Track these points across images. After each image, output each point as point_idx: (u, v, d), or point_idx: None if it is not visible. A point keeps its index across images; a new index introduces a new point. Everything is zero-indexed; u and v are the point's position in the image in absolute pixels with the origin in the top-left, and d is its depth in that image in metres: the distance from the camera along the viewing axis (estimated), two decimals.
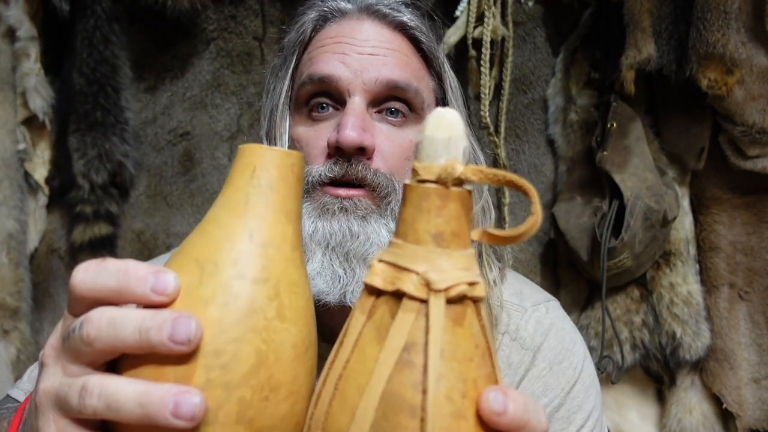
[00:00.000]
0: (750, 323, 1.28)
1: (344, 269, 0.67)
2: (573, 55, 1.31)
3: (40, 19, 1.33)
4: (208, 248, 0.40)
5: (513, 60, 1.31)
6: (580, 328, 1.28)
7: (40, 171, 1.36)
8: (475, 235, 0.38)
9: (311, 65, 0.72)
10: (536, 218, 0.36)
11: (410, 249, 0.36)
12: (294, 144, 0.73)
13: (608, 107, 1.24)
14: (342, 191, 0.69)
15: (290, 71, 0.76)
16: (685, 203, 1.29)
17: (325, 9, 0.76)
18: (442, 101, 0.78)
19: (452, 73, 0.79)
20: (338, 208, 0.69)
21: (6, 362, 1.29)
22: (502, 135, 1.31)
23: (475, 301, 0.37)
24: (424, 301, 0.35)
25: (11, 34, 1.32)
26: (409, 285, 0.36)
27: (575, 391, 0.77)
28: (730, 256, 1.28)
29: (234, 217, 0.41)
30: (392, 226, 0.70)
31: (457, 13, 1.25)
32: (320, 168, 0.70)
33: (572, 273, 1.32)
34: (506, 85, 1.30)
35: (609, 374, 1.25)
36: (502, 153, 1.30)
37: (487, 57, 1.23)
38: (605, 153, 1.22)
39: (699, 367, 1.29)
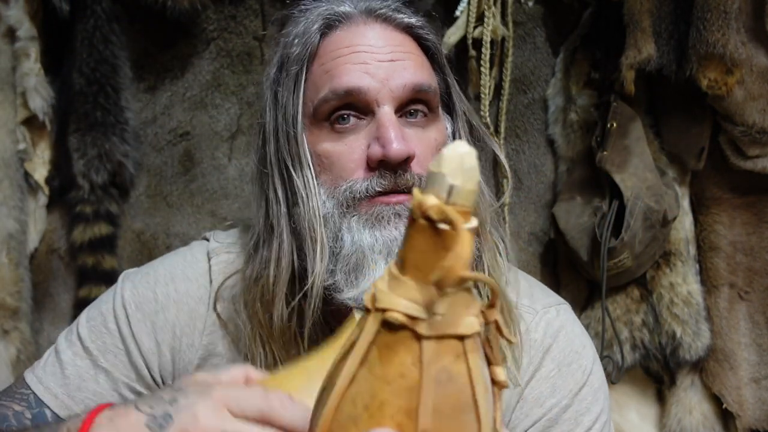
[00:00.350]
0: (750, 323, 1.28)
1: None
2: (573, 55, 1.31)
3: (40, 19, 1.33)
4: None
5: (513, 60, 1.31)
6: None
7: (40, 171, 1.36)
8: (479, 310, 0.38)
9: (331, 79, 0.71)
10: (456, 259, 0.36)
11: (389, 267, 0.39)
12: (321, 160, 0.73)
13: (608, 107, 1.24)
14: (393, 198, 0.70)
15: (302, 84, 0.74)
16: (685, 203, 1.29)
17: (328, 16, 0.74)
18: (447, 97, 0.78)
19: (450, 71, 0.79)
20: (392, 214, 0.70)
21: (6, 362, 1.29)
22: (502, 135, 1.31)
23: (418, 336, 0.37)
24: (369, 312, 0.39)
25: (11, 34, 1.31)
26: (367, 296, 0.39)
27: (583, 393, 0.77)
28: (730, 256, 1.28)
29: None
30: None
31: (457, 13, 1.25)
32: (364, 182, 0.70)
33: (572, 273, 1.32)
34: (506, 85, 1.30)
35: (609, 374, 1.25)
36: (502, 153, 1.30)
37: (487, 57, 1.23)
38: (605, 153, 1.22)
39: (699, 367, 1.29)
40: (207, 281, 0.82)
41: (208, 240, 0.87)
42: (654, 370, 1.30)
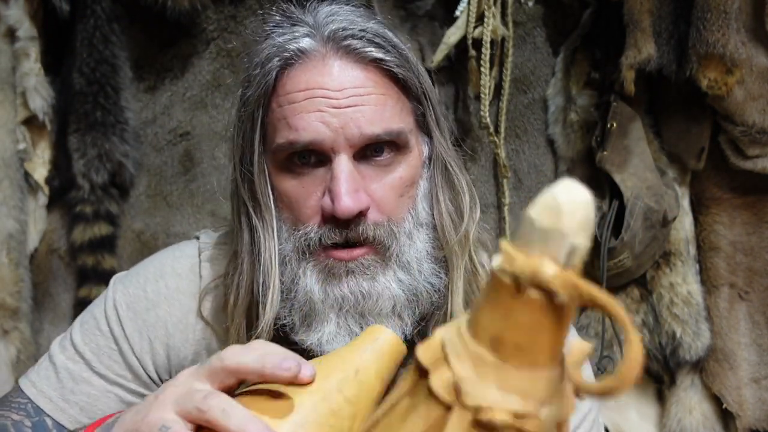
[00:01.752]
0: (750, 323, 1.28)
1: (361, 326, 0.69)
2: (573, 55, 1.31)
3: (40, 19, 1.33)
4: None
5: (513, 60, 1.31)
6: (580, 328, 1.28)
7: (40, 171, 1.36)
8: (561, 360, 0.30)
9: (288, 128, 0.69)
10: (631, 368, 0.27)
11: (465, 341, 0.30)
12: (282, 198, 0.72)
13: (608, 107, 1.24)
14: (345, 253, 0.70)
15: (259, 123, 0.72)
16: (685, 203, 1.29)
17: (287, 53, 0.70)
18: (423, 120, 0.75)
19: (427, 79, 0.75)
20: (344, 271, 0.69)
21: (6, 362, 1.29)
22: (502, 135, 1.31)
23: None
24: (450, 408, 0.29)
25: (11, 34, 1.31)
26: (439, 382, 0.30)
27: None
28: (730, 256, 1.28)
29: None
30: (401, 273, 0.71)
31: (457, 13, 1.25)
32: (318, 231, 0.70)
33: None
34: (506, 85, 1.30)
35: (609, 374, 1.25)
36: (502, 153, 1.30)
37: (487, 57, 1.23)
38: (605, 153, 1.22)
39: (699, 367, 1.29)
40: (197, 276, 0.82)
41: (198, 238, 0.88)
42: (654, 370, 1.30)
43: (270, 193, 0.73)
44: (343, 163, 0.68)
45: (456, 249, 0.74)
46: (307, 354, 0.71)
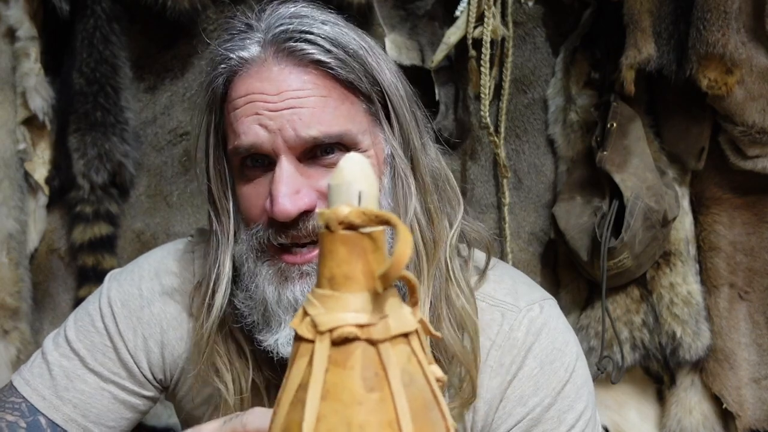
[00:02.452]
0: (750, 323, 1.28)
1: None
2: (573, 55, 1.31)
3: (40, 19, 1.33)
4: None
5: (513, 60, 1.31)
6: (580, 328, 1.28)
7: (40, 171, 1.36)
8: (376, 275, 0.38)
9: (234, 134, 0.71)
10: (398, 256, 0.35)
11: (314, 293, 0.38)
12: (240, 200, 0.74)
13: (608, 107, 1.24)
14: (297, 257, 0.70)
15: (212, 129, 0.75)
16: (685, 203, 1.28)
17: (231, 62, 0.72)
18: (384, 112, 0.74)
19: (389, 75, 0.74)
20: (298, 274, 0.70)
21: (6, 362, 1.29)
22: (502, 135, 1.31)
23: (374, 342, 0.36)
24: (313, 343, 0.37)
25: (11, 34, 1.32)
26: (303, 328, 0.38)
27: (566, 391, 0.77)
28: (730, 256, 1.28)
29: None
30: None
31: (457, 13, 1.25)
32: (266, 232, 0.70)
33: (572, 273, 1.32)
34: (506, 85, 1.30)
35: (609, 374, 1.25)
36: (502, 153, 1.30)
37: (487, 57, 1.23)
38: (605, 153, 1.22)
39: (699, 367, 1.29)
40: (191, 274, 0.83)
41: (192, 237, 0.89)
42: (654, 370, 1.30)
43: (230, 195, 0.75)
44: (283, 166, 0.69)
45: (421, 251, 0.73)
46: (268, 354, 0.72)
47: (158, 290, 0.83)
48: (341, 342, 0.36)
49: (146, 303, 0.83)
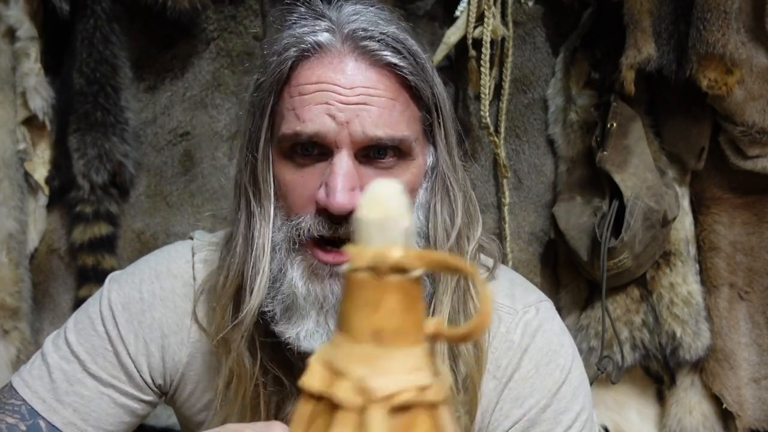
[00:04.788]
0: (750, 323, 1.28)
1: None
2: (573, 55, 1.31)
3: (40, 19, 1.33)
4: None
5: (513, 60, 1.31)
6: (580, 328, 1.28)
7: (40, 171, 1.36)
8: (429, 328, 0.33)
9: (296, 119, 0.70)
10: (483, 319, 0.31)
11: (347, 348, 0.32)
12: (281, 186, 0.73)
13: (608, 107, 1.24)
14: (331, 257, 0.70)
15: (269, 110, 0.73)
16: (685, 203, 1.28)
17: (304, 45, 0.71)
18: (430, 131, 0.75)
19: (441, 89, 0.75)
20: (328, 273, 0.70)
21: (6, 362, 1.29)
22: (502, 135, 1.31)
23: (431, 406, 0.31)
24: (363, 409, 0.30)
25: (11, 34, 1.31)
26: (344, 392, 0.31)
27: (562, 392, 0.77)
28: (730, 256, 1.28)
29: None
30: None
31: (457, 13, 1.25)
32: (309, 221, 0.70)
33: (572, 273, 1.32)
34: (506, 85, 1.30)
35: (609, 374, 1.25)
36: (502, 153, 1.30)
37: (487, 57, 1.23)
38: (605, 153, 1.22)
39: (699, 367, 1.29)
40: (191, 277, 0.82)
41: (192, 239, 0.88)
42: (654, 370, 1.30)
43: (271, 180, 0.74)
44: (343, 159, 0.69)
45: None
46: (285, 346, 0.72)
47: (159, 294, 0.83)
48: (403, 409, 0.30)
49: (147, 307, 0.82)
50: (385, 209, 0.32)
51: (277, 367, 0.76)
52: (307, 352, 0.68)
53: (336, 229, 0.69)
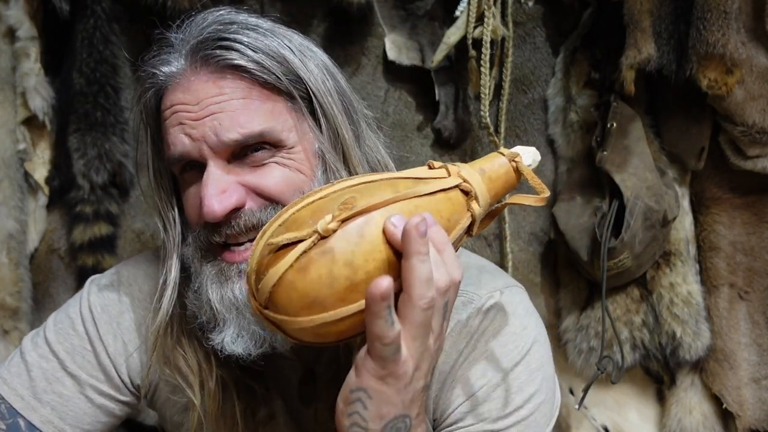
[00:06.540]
0: (750, 323, 1.28)
1: (262, 325, 0.69)
2: (573, 55, 1.31)
3: (40, 19, 1.33)
4: None
5: (513, 60, 1.31)
6: (580, 328, 1.28)
7: (40, 171, 1.36)
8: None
9: (167, 145, 0.74)
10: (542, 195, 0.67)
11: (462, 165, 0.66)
12: (184, 205, 0.77)
13: (608, 107, 1.24)
14: (236, 255, 0.72)
15: (149, 143, 0.79)
16: (685, 203, 1.29)
17: (157, 78, 0.75)
18: (309, 108, 0.75)
19: (315, 71, 0.75)
20: (235, 273, 0.72)
21: None
22: (502, 135, 1.31)
23: (470, 209, 0.64)
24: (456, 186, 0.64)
25: (11, 34, 1.31)
26: (454, 168, 0.65)
27: (516, 372, 0.77)
28: (730, 256, 1.28)
29: None
30: None
31: (457, 13, 1.25)
32: (202, 233, 0.73)
33: (572, 273, 1.32)
34: (506, 85, 1.30)
35: (609, 374, 1.25)
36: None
37: (487, 57, 1.23)
38: (605, 153, 1.22)
39: (699, 367, 1.29)
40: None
41: None
42: (654, 370, 1.30)
43: (174, 204, 0.78)
44: (210, 170, 0.71)
45: None
46: (221, 353, 0.73)
47: (138, 296, 0.85)
48: (460, 189, 0.64)
49: (126, 309, 0.84)
50: (529, 152, 0.68)
51: (247, 375, 0.78)
52: (252, 355, 0.71)
53: (225, 232, 0.71)
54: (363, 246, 0.55)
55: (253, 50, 0.72)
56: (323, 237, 0.55)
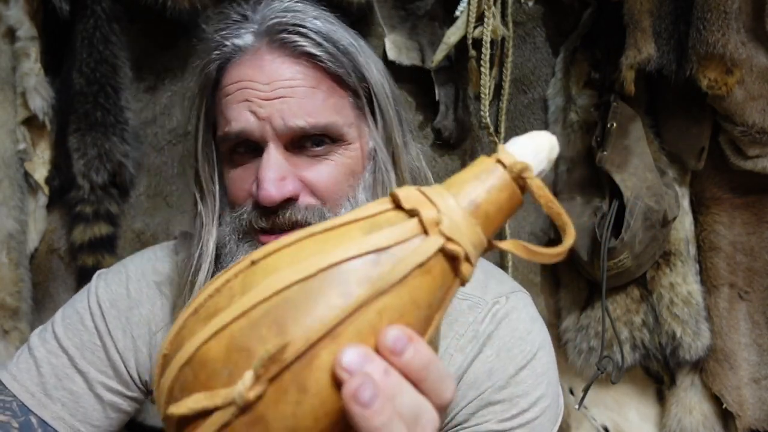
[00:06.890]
0: (750, 323, 1.28)
1: None
2: (573, 55, 1.31)
3: (40, 19, 1.33)
4: None
5: (513, 60, 1.31)
6: (580, 328, 1.28)
7: (40, 171, 1.36)
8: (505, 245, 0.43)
9: (225, 120, 0.73)
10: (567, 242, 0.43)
11: (460, 204, 0.42)
12: (227, 185, 0.76)
13: (608, 107, 1.24)
14: (272, 239, 0.71)
15: (202, 114, 0.77)
16: (685, 203, 1.29)
17: (225, 49, 0.74)
18: (370, 108, 0.76)
19: (376, 73, 0.76)
20: None
21: (6, 362, 1.29)
22: (502, 135, 1.31)
23: (457, 275, 0.41)
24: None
25: (11, 34, 1.31)
26: (430, 216, 0.40)
27: (522, 376, 0.77)
28: (730, 256, 1.28)
29: None
30: None
31: (457, 13, 1.25)
32: (249, 214, 0.72)
33: (572, 273, 1.32)
34: (506, 85, 1.30)
35: (609, 374, 1.25)
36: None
37: (487, 57, 1.23)
38: (605, 153, 1.22)
39: (699, 367, 1.29)
40: (178, 276, 0.84)
41: (176, 239, 0.90)
42: (654, 370, 1.30)
43: (216, 180, 0.77)
44: (271, 153, 0.70)
45: None
46: None
47: (146, 292, 0.84)
48: (445, 253, 0.41)
49: (135, 304, 0.83)
50: (543, 145, 0.44)
51: None
52: None
53: (273, 219, 0.71)
54: (308, 403, 0.37)
55: (328, 41, 0.73)
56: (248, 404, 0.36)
